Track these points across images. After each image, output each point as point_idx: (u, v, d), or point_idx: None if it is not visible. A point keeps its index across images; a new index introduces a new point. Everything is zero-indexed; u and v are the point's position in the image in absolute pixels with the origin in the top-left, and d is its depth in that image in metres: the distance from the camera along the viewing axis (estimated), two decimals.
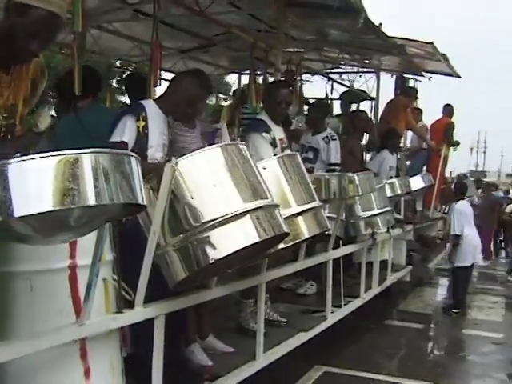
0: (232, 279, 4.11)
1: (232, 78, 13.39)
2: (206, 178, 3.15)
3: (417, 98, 9.89)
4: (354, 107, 9.69)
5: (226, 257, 3.11)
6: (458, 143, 10.54)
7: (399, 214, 8.17)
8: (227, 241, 3.11)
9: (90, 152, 2.22)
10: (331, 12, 5.38)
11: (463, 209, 8.59)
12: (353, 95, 9.77)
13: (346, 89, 10.14)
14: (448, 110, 10.74)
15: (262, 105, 5.83)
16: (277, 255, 4.14)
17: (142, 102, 4.08)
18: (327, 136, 6.57)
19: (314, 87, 10.30)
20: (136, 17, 6.59)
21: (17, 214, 2.09)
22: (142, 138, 3.83)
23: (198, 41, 8.01)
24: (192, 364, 4.08)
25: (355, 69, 9.93)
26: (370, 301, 6.88)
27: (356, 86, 10.16)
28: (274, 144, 4.93)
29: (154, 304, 3.21)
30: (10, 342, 2.53)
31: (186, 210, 3.08)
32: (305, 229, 3.92)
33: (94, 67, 4.93)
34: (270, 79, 7.21)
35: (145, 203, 2.43)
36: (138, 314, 3.10)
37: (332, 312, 5.77)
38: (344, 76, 10.24)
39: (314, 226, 3.94)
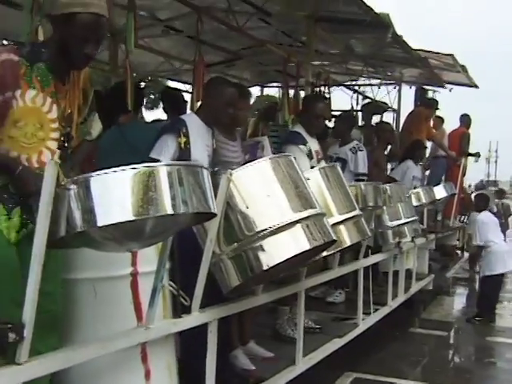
0: (271, 287, 4.24)
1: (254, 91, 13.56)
2: (260, 188, 3.29)
3: (437, 108, 10.02)
4: (374, 118, 9.83)
5: (278, 264, 3.25)
6: (478, 154, 10.64)
7: (422, 223, 8.27)
8: (280, 249, 3.24)
9: (166, 164, 2.39)
10: (361, 27, 5.54)
11: (486, 219, 8.65)
12: (374, 107, 9.92)
13: (367, 100, 10.29)
14: (465, 120, 10.86)
15: (290, 117, 5.96)
16: (313, 264, 4.29)
17: (183, 116, 4.22)
18: (354, 147, 6.71)
19: (334, 99, 10.45)
20: (167, 32, 6.75)
21: (100, 223, 2.24)
22: (184, 153, 3.94)
23: (222, 55, 8.17)
24: (236, 368, 4.22)
25: (377, 81, 10.06)
26: (394, 309, 6.98)
27: (378, 97, 10.30)
28: (310, 156, 5.07)
29: (208, 309, 3.34)
30: (84, 345, 2.65)
31: (239, 219, 3.22)
32: (346, 237, 4.07)
33: (135, 83, 5.08)
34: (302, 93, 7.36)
35: (216, 212, 2.57)
36: (195, 318, 3.22)
37: (363, 319, 5.89)
38: (363, 88, 10.37)
39: (355, 234, 4.09)
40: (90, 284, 3.05)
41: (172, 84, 9.61)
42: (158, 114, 18.05)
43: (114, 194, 2.27)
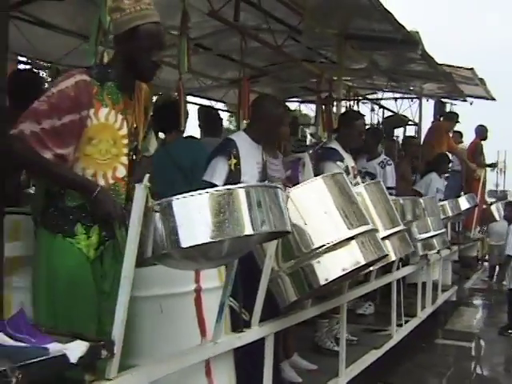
0: (315, 300, 4.32)
1: None
2: (317, 205, 3.40)
3: (457, 121, 10.12)
4: (395, 131, 9.95)
5: (334, 280, 3.36)
6: (495, 165, 10.74)
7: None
8: (336, 264, 3.36)
9: (245, 186, 2.48)
10: (393, 44, 5.66)
11: None
12: (396, 120, 10.04)
13: (388, 114, 10.42)
14: (480, 131, 10.92)
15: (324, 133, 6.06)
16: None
17: (233, 136, 4.29)
18: (383, 161, 6.81)
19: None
20: (196, 51, 6.86)
21: (184, 244, 2.34)
22: (235, 174, 4.01)
23: (246, 71, 8.28)
24: (284, 381, 4.30)
25: (398, 95, 10.19)
26: None
27: (400, 111, 10.43)
28: (347, 172, 5.15)
29: (266, 323, 3.42)
30: (164, 360, 2.72)
31: (296, 236, 3.32)
32: (392, 251, 4.17)
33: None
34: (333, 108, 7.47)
35: (291, 230, 2.67)
36: (255, 332, 3.31)
37: (396, 330, 5.98)
38: (383, 101, 10.50)
39: (401, 248, 4.19)
40: (156, 301, 3.15)
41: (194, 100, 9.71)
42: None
43: (197, 216, 2.36)
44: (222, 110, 11.18)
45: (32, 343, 2.15)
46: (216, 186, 3.96)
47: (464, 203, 8.71)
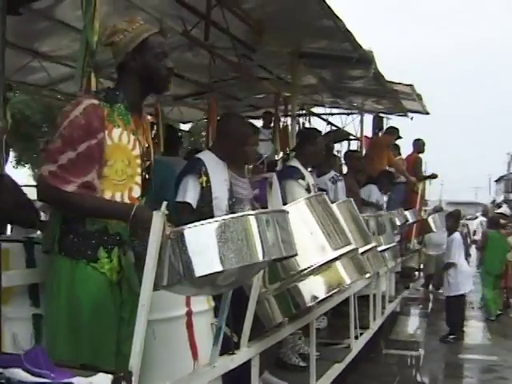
0: None
1: None
2: (302, 227, 3.45)
3: (399, 137, 10.38)
4: (337, 146, 10.15)
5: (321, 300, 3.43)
6: (434, 176, 11.10)
7: None
8: (322, 285, 3.44)
9: (255, 213, 2.50)
10: (350, 63, 5.81)
11: (459, 239, 9.11)
12: (337, 135, 10.25)
13: (329, 129, 10.61)
14: (417, 144, 11.23)
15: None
16: None
17: (200, 155, 4.31)
18: (333, 177, 6.93)
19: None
20: None
21: (198, 273, 2.35)
22: (206, 191, 4.04)
23: (191, 87, 8.29)
24: None
25: (339, 110, 10.42)
26: None
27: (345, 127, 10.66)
28: (308, 189, 5.26)
29: (254, 343, 3.45)
30: None
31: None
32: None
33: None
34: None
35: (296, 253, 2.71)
36: (245, 353, 3.34)
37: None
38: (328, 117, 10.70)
39: (375, 265, 4.30)
40: (150, 326, 3.11)
41: None
42: None
43: (211, 244, 2.36)
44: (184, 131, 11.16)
45: (52, 378, 2.11)
46: (190, 205, 3.99)
47: (411, 216, 8.99)
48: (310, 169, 6.58)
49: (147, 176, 2.96)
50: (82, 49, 3.73)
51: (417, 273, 11.23)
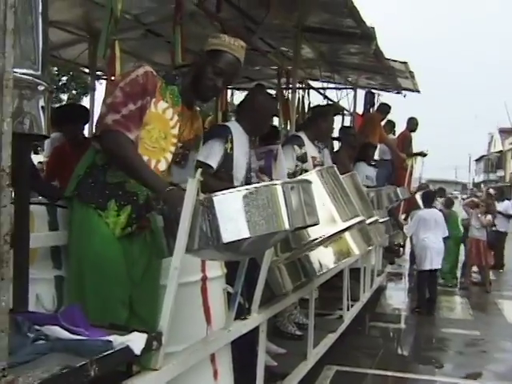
0: None
1: None
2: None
3: (388, 112, 10.47)
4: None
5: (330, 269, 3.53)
6: (424, 154, 11.23)
7: None
8: (331, 255, 3.54)
9: (283, 182, 2.57)
10: (352, 39, 5.88)
11: (424, 215, 9.29)
12: (334, 109, 10.27)
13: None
14: (410, 123, 11.38)
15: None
16: None
17: (228, 124, 4.40)
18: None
19: None
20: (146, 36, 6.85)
21: (225, 240, 2.40)
22: (229, 158, 4.11)
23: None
24: None
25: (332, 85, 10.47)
26: None
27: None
28: (303, 159, 5.33)
29: (263, 310, 3.55)
30: (195, 348, 2.84)
31: None
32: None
33: None
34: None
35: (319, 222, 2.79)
36: (255, 319, 3.44)
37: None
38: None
39: (378, 238, 4.39)
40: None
41: None
42: None
43: (238, 211, 2.42)
44: None
45: (87, 336, 2.19)
46: (210, 166, 4.04)
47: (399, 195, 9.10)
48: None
49: (177, 160, 3.10)
50: (107, 17, 3.75)
51: (401, 249, 11.35)
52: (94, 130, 3.05)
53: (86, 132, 5.93)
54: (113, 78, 4.05)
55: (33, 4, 1.92)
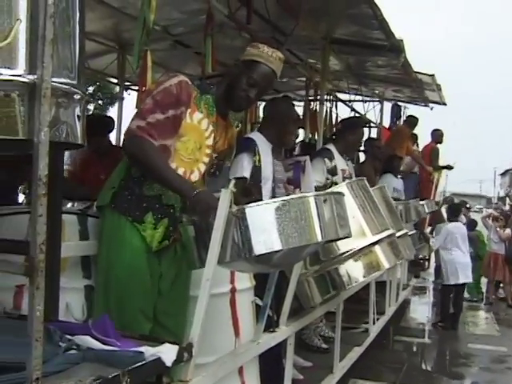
0: None
1: None
2: None
3: (416, 125, 10.41)
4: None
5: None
6: (450, 167, 11.13)
7: None
8: (361, 269, 3.51)
9: (315, 195, 2.55)
10: (381, 51, 5.85)
11: (452, 229, 9.18)
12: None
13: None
14: (435, 135, 11.27)
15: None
16: None
17: (251, 135, 4.39)
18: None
19: None
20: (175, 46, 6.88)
21: (258, 252, 2.39)
22: (257, 171, 4.10)
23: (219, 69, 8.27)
24: None
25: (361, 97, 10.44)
26: None
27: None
28: (334, 172, 5.31)
29: (292, 322, 3.53)
30: (224, 360, 2.83)
31: None
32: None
33: None
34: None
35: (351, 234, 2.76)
36: (284, 332, 3.42)
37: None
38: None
39: (408, 251, 4.35)
40: (195, 302, 3.18)
41: None
42: None
43: (270, 223, 2.40)
44: None
45: (118, 347, 2.18)
46: (245, 178, 4.02)
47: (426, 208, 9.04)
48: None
49: (211, 170, 3.11)
50: (139, 27, 3.77)
51: (427, 263, 11.25)
52: (122, 140, 3.06)
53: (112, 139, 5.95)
54: (144, 88, 4.05)
55: (71, 13, 1.91)
